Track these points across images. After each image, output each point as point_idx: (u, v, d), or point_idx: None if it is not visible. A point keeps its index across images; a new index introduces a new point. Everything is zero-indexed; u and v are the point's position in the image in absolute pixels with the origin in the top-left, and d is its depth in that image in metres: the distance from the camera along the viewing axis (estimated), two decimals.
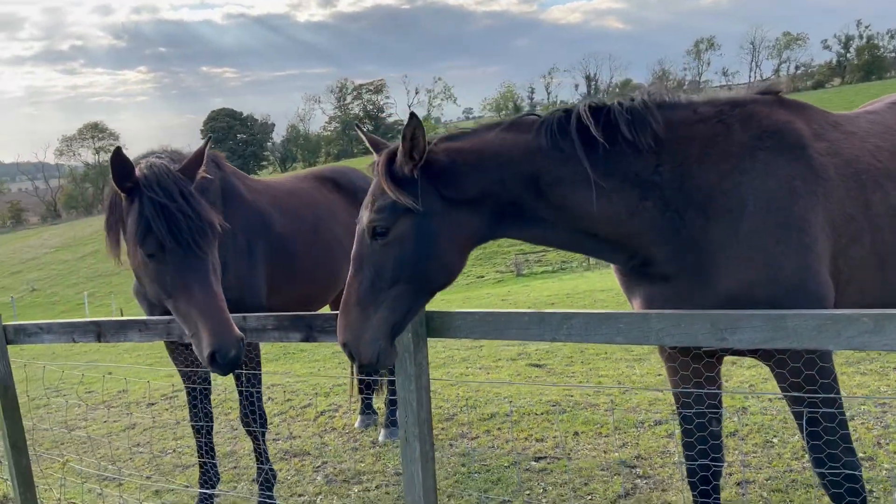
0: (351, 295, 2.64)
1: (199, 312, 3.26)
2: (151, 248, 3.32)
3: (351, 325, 2.64)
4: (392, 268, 2.61)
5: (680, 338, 2.52)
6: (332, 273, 4.99)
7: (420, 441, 3.10)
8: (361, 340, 2.63)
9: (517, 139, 2.69)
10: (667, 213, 2.65)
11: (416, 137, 2.58)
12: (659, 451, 4.98)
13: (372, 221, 2.62)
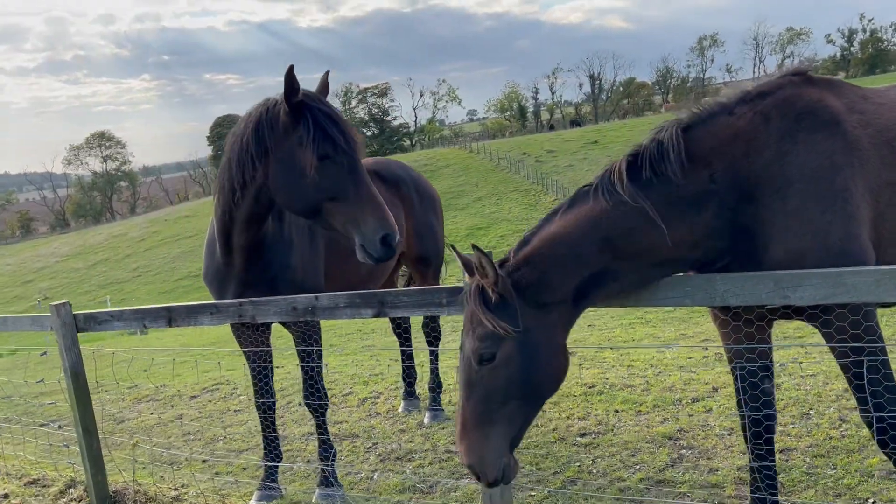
0: (467, 418, 2.76)
1: (372, 205, 3.73)
2: (327, 149, 3.72)
3: (473, 448, 2.75)
4: (504, 388, 2.74)
5: (744, 297, 2.73)
6: None
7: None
8: (486, 462, 2.75)
9: (579, 214, 2.82)
10: (721, 214, 2.81)
11: (483, 267, 2.72)
12: (699, 425, 5.19)
13: (477, 350, 2.74)
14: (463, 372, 2.79)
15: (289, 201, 3.89)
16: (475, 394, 2.75)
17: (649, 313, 10.68)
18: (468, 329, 2.79)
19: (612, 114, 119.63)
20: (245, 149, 3.90)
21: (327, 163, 3.71)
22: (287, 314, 4.01)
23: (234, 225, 4.23)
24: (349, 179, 3.73)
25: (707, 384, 6.10)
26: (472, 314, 2.78)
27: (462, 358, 2.81)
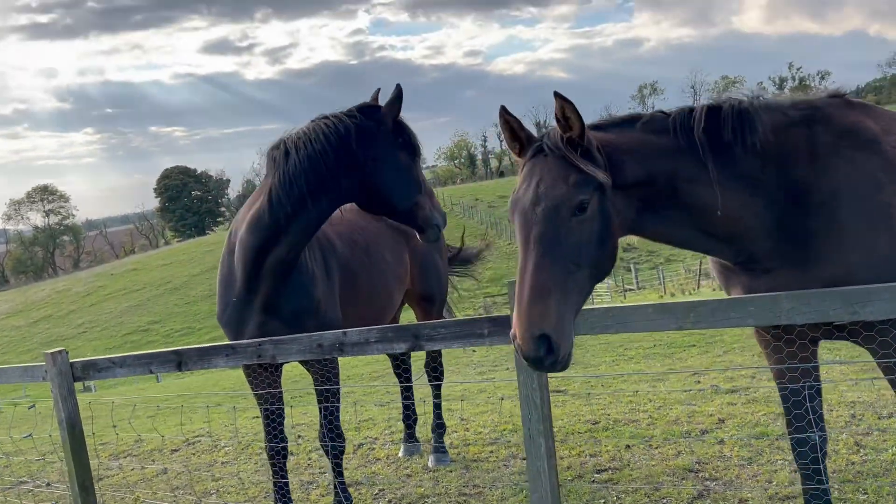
0: (545, 279, 2.52)
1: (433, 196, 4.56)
2: (418, 152, 4.35)
3: (551, 313, 2.50)
4: (585, 248, 2.64)
5: (811, 315, 2.72)
6: (389, 296, 5.10)
7: (545, 437, 3.23)
8: (563, 332, 2.54)
9: (659, 140, 2.88)
10: (771, 210, 2.87)
11: (568, 117, 2.67)
12: (716, 456, 5.14)
13: (573, 197, 2.60)
14: (544, 225, 2.59)
15: (390, 196, 4.23)
16: (557, 250, 2.56)
17: (630, 350, 10.72)
18: (549, 180, 2.64)
19: None
20: (329, 155, 4.05)
21: (416, 163, 4.31)
22: (311, 352, 3.85)
23: (280, 241, 4.12)
24: (421, 179, 4.35)
25: (712, 416, 6.09)
26: (557, 163, 2.66)
27: (541, 209, 2.62)
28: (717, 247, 2.97)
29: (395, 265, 5.14)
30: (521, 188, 2.74)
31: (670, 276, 37.19)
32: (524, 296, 2.54)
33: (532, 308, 2.52)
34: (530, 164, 2.76)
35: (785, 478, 4.56)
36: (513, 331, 2.60)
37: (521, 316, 2.53)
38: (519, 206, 2.71)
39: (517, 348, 2.59)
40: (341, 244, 4.70)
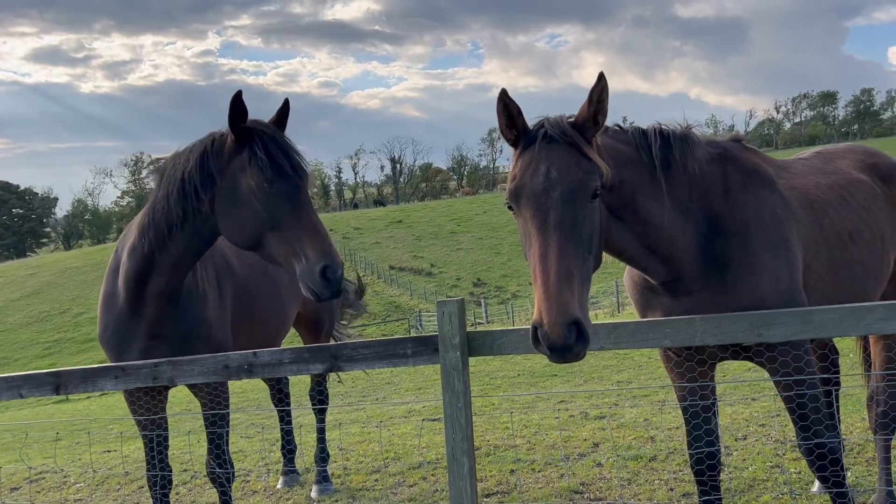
0: (569, 263, 2.48)
1: (312, 234, 3.48)
2: (269, 174, 3.53)
3: (578, 299, 2.45)
4: (594, 237, 2.65)
5: (721, 336, 2.97)
6: (283, 318, 4.95)
7: (468, 457, 3.26)
8: (587, 317, 2.50)
9: (626, 151, 3.02)
10: (697, 235, 3.13)
11: (602, 101, 2.68)
12: (597, 477, 5.39)
13: (590, 182, 2.61)
14: (563, 209, 2.56)
15: (233, 231, 3.64)
16: (576, 236, 2.53)
17: (496, 379, 11.01)
18: (563, 166, 2.63)
19: (412, 195, 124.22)
20: (188, 180, 3.64)
21: (270, 189, 3.54)
22: (216, 374, 3.66)
23: (156, 269, 3.81)
24: (290, 207, 3.53)
25: (586, 440, 6.38)
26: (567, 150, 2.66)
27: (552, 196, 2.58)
28: (654, 265, 3.15)
29: (292, 287, 5.01)
30: (526, 174, 2.69)
31: (517, 312, 38.57)
32: (551, 281, 2.44)
33: (561, 293, 2.43)
34: (534, 150, 2.72)
35: (664, 496, 4.86)
36: (536, 318, 2.47)
37: (551, 301, 2.42)
38: (527, 192, 2.66)
39: (541, 338, 2.45)
40: (239, 264, 4.51)
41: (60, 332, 49.03)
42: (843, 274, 3.51)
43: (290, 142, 3.68)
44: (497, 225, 68.15)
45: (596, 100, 2.72)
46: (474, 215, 73.71)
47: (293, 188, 3.55)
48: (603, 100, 2.72)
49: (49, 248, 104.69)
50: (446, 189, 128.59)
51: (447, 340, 3.23)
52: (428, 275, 55.34)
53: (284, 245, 3.49)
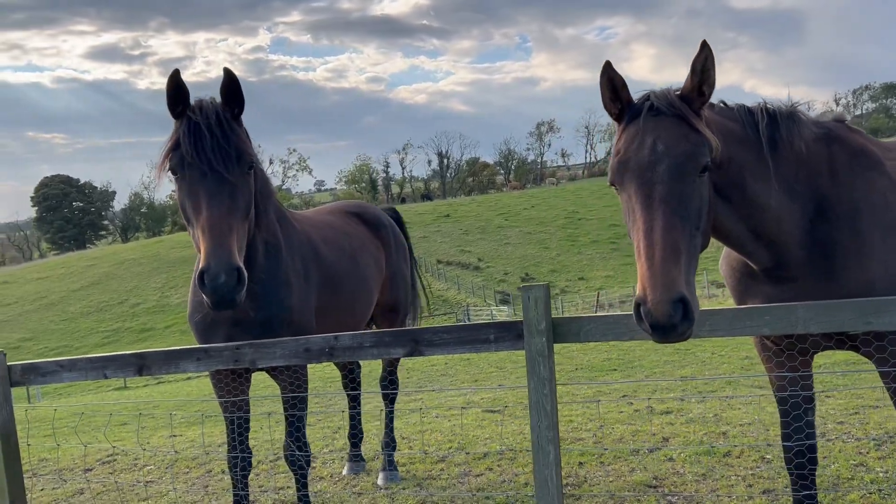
0: (676, 239, 2.40)
1: (202, 231, 3.23)
2: (174, 162, 3.40)
3: (684, 276, 2.36)
4: (702, 213, 2.56)
5: (825, 325, 2.84)
6: (368, 303, 4.96)
7: (553, 445, 3.19)
8: (694, 296, 2.41)
9: (734, 128, 2.90)
10: (803, 218, 2.99)
11: (707, 70, 2.57)
12: (671, 472, 5.27)
13: (699, 155, 2.52)
14: (667, 184, 2.48)
15: None
16: (683, 211, 2.45)
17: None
18: (670, 139, 2.54)
19: (459, 190, 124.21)
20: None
21: (178, 181, 3.42)
22: (297, 356, 3.66)
23: None
24: (191, 201, 3.35)
25: (655, 435, 6.25)
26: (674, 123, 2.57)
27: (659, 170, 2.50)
28: (758, 250, 3.02)
29: (376, 273, 5.01)
30: (632, 148, 2.61)
31: (567, 307, 38.27)
32: (657, 256, 2.37)
33: (667, 269, 2.35)
34: (639, 123, 2.64)
35: (742, 492, 4.72)
36: (639, 294, 2.39)
37: (656, 278, 2.34)
38: (633, 166, 2.58)
39: (644, 315, 2.37)
40: (327, 249, 4.53)
41: (119, 321, 50.54)
42: None
43: (215, 122, 3.45)
44: (545, 220, 67.73)
45: (700, 69, 2.60)
46: (522, 210, 73.34)
47: (197, 178, 3.36)
48: (708, 69, 2.60)
49: (107, 240, 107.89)
50: (493, 183, 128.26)
51: (532, 326, 3.17)
52: (475, 269, 55.30)
53: (196, 245, 3.39)
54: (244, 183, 3.53)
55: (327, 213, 5.23)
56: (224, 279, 3.15)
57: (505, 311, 40.51)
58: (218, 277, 3.15)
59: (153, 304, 53.05)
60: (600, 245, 59.23)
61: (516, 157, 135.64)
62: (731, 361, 9.98)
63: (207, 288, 3.16)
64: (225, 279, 3.15)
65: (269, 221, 4.03)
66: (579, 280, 51.08)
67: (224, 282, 3.15)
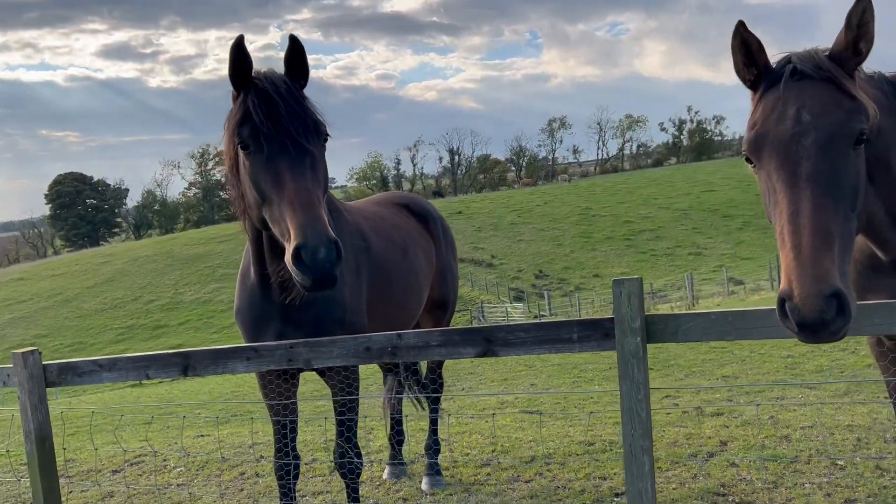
0: (827, 223, 2.11)
1: (289, 205, 2.96)
2: (246, 135, 3.13)
3: (838, 266, 2.08)
4: (861, 187, 2.27)
5: None
6: (419, 299, 4.68)
7: (648, 455, 2.90)
8: (852, 291, 2.12)
9: (881, 98, 2.59)
10: None
11: (865, 24, 2.27)
12: (737, 479, 4.96)
13: (854, 124, 2.22)
14: (815, 160, 2.18)
15: (250, 211, 3.33)
16: (836, 191, 2.15)
17: (586, 372, 10.58)
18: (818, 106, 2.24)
19: (470, 187, 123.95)
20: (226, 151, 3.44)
21: (250, 155, 3.15)
22: (356, 356, 3.38)
23: (265, 249, 3.58)
24: (272, 175, 3.07)
25: (711, 438, 5.94)
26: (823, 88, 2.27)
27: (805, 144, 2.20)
28: (894, 237, 2.72)
29: (427, 267, 4.72)
30: (770, 119, 2.30)
31: (583, 305, 37.89)
32: (804, 243, 2.07)
33: (817, 258, 2.05)
34: (779, 89, 2.33)
35: (822, 501, 4.41)
36: (784, 288, 2.09)
37: (804, 268, 2.04)
38: (772, 140, 2.27)
39: (790, 311, 2.08)
40: (378, 241, 4.25)
41: (133, 318, 50.55)
42: None
43: (285, 91, 3.20)
44: (559, 216, 67.33)
45: (857, 24, 2.27)
46: (535, 206, 72.93)
47: (276, 150, 3.10)
48: (866, 22, 2.26)
49: (121, 237, 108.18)
50: (504, 180, 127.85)
51: (625, 324, 2.87)
52: (489, 266, 54.97)
53: (276, 224, 3.10)
54: (322, 155, 3.29)
55: (375, 204, 4.94)
56: (324, 253, 2.87)
57: (520, 309, 40.18)
58: (318, 251, 2.86)
59: (167, 300, 53.02)
60: (614, 242, 58.80)
61: (528, 154, 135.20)
62: (773, 360, 9.63)
63: (307, 265, 2.88)
64: (325, 253, 2.87)
65: None
66: (594, 277, 50.63)
67: (325, 256, 2.87)
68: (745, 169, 2.56)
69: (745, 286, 36.68)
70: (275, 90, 3.20)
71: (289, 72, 3.36)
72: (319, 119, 3.30)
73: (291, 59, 3.34)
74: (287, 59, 3.36)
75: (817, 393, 7.29)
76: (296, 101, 3.23)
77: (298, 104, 3.23)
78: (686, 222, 62.16)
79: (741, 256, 51.42)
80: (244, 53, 3.22)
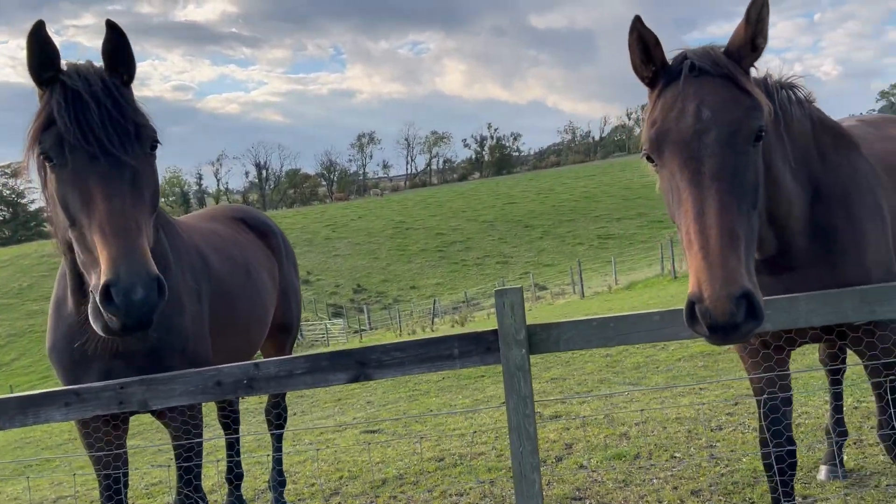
0: (733, 222, 2.09)
1: (99, 231, 2.44)
2: (49, 144, 2.57)
3: (743, 266, 2.05)
4: (761, 184, 2.24)
5: (829, 316, 2.65)
6: (264, 323, 4.23)
7: (538, 473, 2.77)
8: (757, 288, 2.07)
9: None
10: (805, 201, 2.79)
11: (762, 20, 2.24)
12: (591, 481, 5.03)
13: (753, 120, 2.19)
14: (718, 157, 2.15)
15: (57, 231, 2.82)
16: (739, 188, 2.14)
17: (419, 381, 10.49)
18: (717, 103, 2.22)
19: (280, 202, 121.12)
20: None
21: (55, 168, 2.60)
22: (205, 393, 2.95)
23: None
24: (78, 196, 2.54)
25: (556, 442, 6.04)
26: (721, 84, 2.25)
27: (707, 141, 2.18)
28: (769, 235, 2.75)
29: (271, 288, 4.29)
30: (671, 116, 2.24)
31: (404, 318, 38.13)
32: (712, 244, 2.04)
33: (726, 259, 2.02)
34: (679, 86, 2.27)
35: (671, 495, 4.57)
36: (693, 291, 2.06)
37: (713, 269, 2.01)
38: (674, 138, 2.22)
39: (700, 314, 2.04)
40: (218, 261, 3.76)
41: None
42: None
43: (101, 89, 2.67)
44: (374, 230, 67.57)
45: (755, 19, 2.27)
46: (349, 221, 72.66)
47: (84, 162, 2.55)
48: (763, 18, 2.27)
49: None
50: (316, 195, 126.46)
51: (510, 336, 2.72)
52: (305, 282, 53.67)
53: (83, 253, 2.58)
54: (148, 167, 2.72)
55: (209, 219, 4.42)
56: (142, 294, 2.34)
57: (339, 325, 39.60)
58: (133, 291, 2.33)
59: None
60: (429, 253, 60.00)
61: (339, 169, 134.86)
62: (595, 360, 10.13)
63: (119, 306, 2.33)
64: (143, 294, 2.34)
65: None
66: (411, 289, 51.26)
67: (143, 297, 2.34)
68: (541, 182, 2.52)
69: (549, 291, 38.90)
70: (87, 88, 2.66)
71: (108, 66, 2.83)
72: (143, 123, 2.79)
73: (110, 50, 2.81)
74: (105, 51, 2.83)
75: (644, 389, 7.71)
76: (113, 101, 2.69)
77: (116, 105, 2.70)
78: (493, 233, 64.86)
79: (543, 263, 54.52)
80: (46, 41, 2.66)
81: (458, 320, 30.57)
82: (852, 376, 5.72)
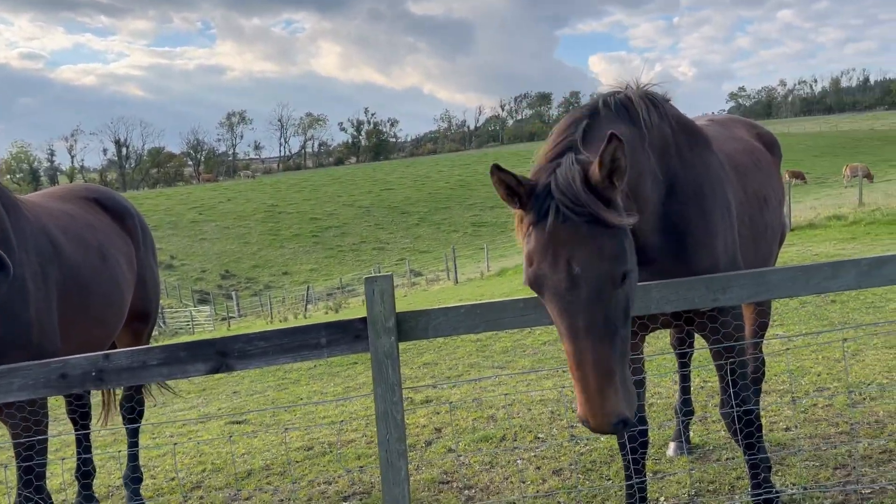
0: (606, 362, 2.31)
1: None
2: None
3: (622, 394, 2.33)
4: (631, 301, 2.44)
5: (678, 303, 2.83)
6: (120, 312, 3.95)
7: (405, 460, 2.78)
8: (633, 401, 2.38)
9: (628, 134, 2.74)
10: (660, 200, 2.93)
11: (616, 160, 2.32)
12: (459, 464, 5.12)
13: (617, 269, 2.33)
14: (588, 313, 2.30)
15: None
16: (610, 329, 2.33)
17: (288, 370, 10.29)
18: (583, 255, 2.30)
19: (142, 182, 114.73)
20: None
21: None
22: (48, 386, 2.74)
23: None
24: None
25: (426, 427, 6.10)
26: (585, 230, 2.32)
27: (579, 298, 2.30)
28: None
29: (129, 274, 4.02)
30: (545, 264, 2.34)
31: (275, 305, 37.21)
32: (591, 384, 2.31)
33: (605, 396, 2.31)
34: (548, 230, 2.36)
35: (534, 475, 4.73)
36: (581, 414, 2.37)
37: (594, 406, 2.32)
38: (551, 288, 2.35)
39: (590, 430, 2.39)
40: (69, 245, 3.47)
41: None
42: (759, 237, 3.57)
43: None
44: (244, 213, 65.39)
45: (609, 161, 2.34)
46: (218, 203, 69.90)
47: None
48: (617, 159, 2.33)
49: None
50: (182, 175, 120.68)
51: (379, 324, 2.71)
52: (168, 267, 51.20)
53: None
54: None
55: (59, 199, 4.07)
56: None
57: (206, 312, 38.08)
58: None
59: None
60: (302, 239, 58.84)
61: (206, 148, 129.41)
62: (466, 344, 10.32)
63: None
64: None
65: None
66: (283, 275, 50.12)
67: None
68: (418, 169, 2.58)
69: (424, 277, 39.24)
70: None
71: None
72: None
73: None
74: None
75: (511, 373, 7.94)
76: None
77: None
78: (369, 219, 64.53)
79: (419, 250, 54.92)
80: None
81: (333, 307, 30.19)
82: (699, 358, 6.15)
